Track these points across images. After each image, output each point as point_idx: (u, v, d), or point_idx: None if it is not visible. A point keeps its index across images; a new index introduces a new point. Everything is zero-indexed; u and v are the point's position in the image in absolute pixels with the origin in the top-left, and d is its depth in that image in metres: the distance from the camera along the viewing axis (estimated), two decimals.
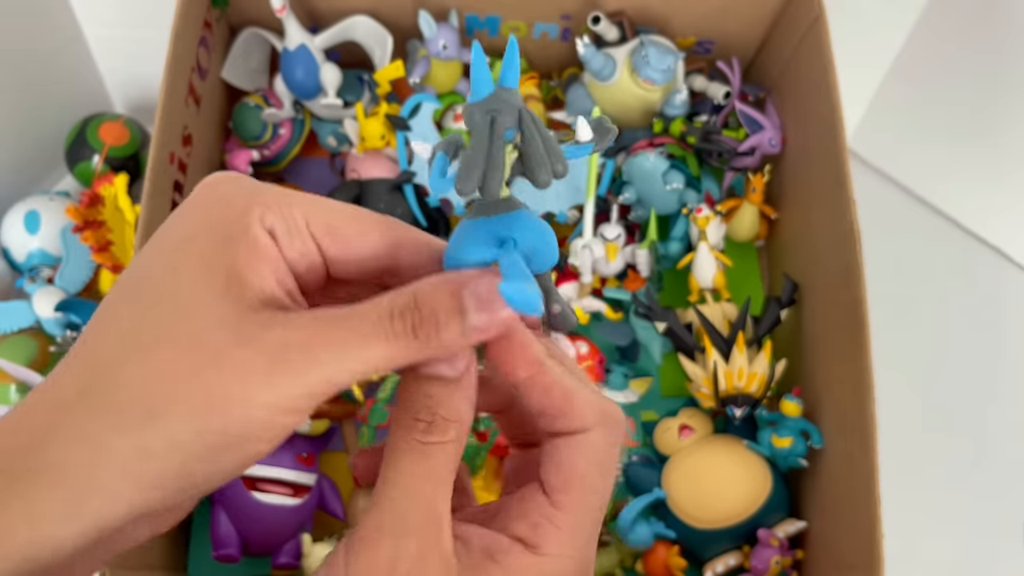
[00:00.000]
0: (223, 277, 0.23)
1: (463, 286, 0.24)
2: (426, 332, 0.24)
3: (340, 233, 0.25)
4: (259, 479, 0.60)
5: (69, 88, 0.79)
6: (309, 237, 0.25)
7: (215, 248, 0.23)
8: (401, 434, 0.25)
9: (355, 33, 0.73)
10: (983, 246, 0.82)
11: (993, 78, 0.75)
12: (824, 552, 0.61)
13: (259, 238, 0.24)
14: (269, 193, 0.25)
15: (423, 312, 0.24)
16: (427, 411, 0.25)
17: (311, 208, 0.25)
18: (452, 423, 0.25)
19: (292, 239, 0.24)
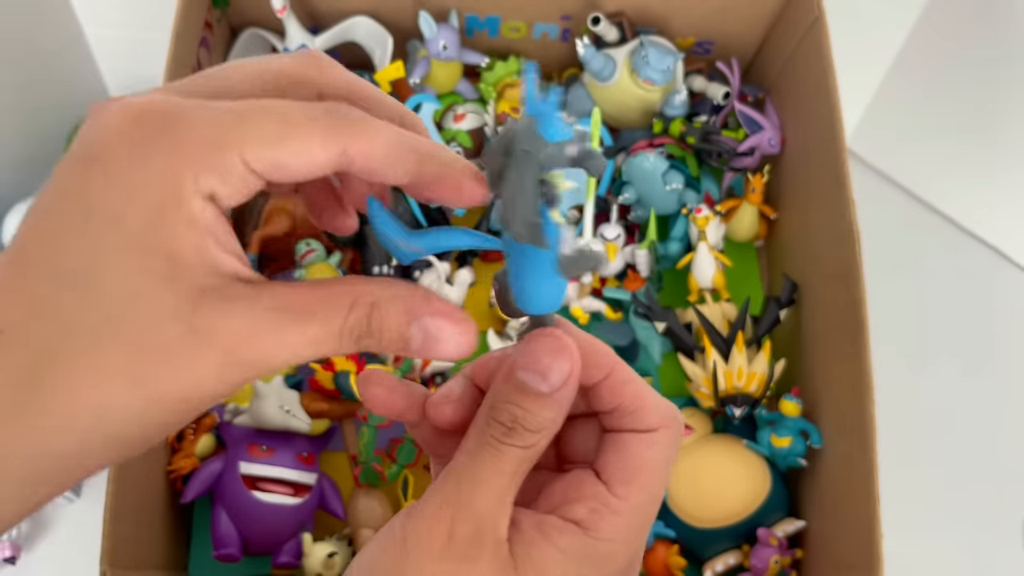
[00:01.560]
0: (164, 263, 0.21)
1: (416, 318, 0.24)
2: (367, 343, 0.24)
3: (282, 164, 0.22)
4: (259, 479, 0.60)
5: (70, 88, 0.79)
6: (254, 178, 0.22)
7: (149, 228, 0.21)
8: (483, 426, 0.25)
9: (355, 34, 0.73)
10: (982, 246, 0.82)
11: (992, 78, 0.75)
12: (823, 551, 0.61)
13: (196, 212, 0.21)
14: (197, 144, 0.21)
15: (372, 327, 0.23)
16: (510, 417, 0.25)
17: (245, 146, 0.22)
18: (531, 434, 0.25)
19: (234, 189, 0.22)
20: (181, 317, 0.21)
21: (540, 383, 0.25)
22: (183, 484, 0.61)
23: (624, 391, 0.27)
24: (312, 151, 0.23)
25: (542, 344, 0.26)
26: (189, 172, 0.21)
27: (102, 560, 0.51)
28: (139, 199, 0.21)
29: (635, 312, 0.69)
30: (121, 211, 0.21)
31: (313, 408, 0.62)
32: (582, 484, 0.26)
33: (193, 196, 0.21)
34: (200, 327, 0.21)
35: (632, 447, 0.26)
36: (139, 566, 0.55)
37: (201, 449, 0.62)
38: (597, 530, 0.25)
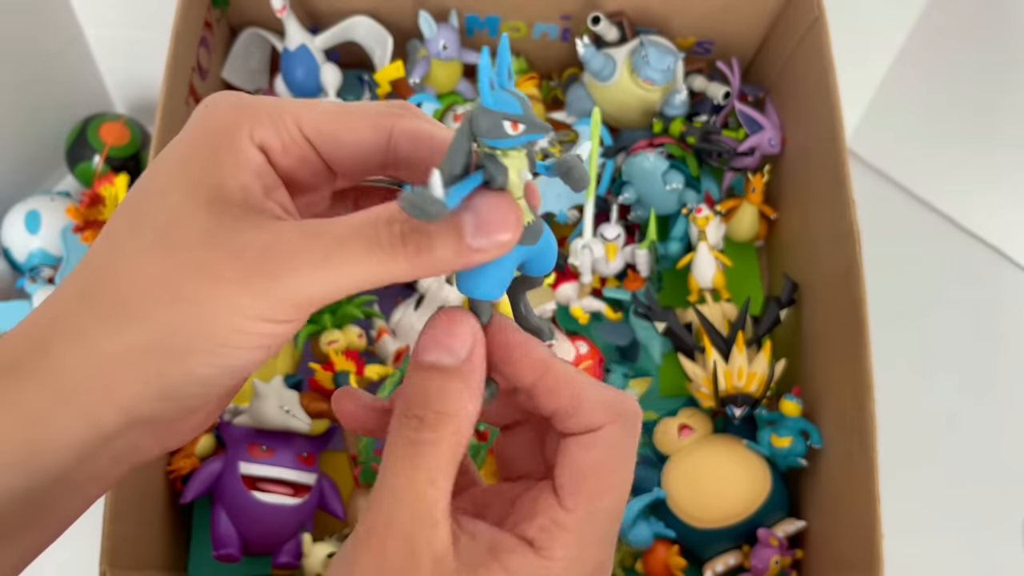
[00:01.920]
0: (208, 191, 0.23)
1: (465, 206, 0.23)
2: (416, 243, 0.22)
3: (330, 131, 0.25)
4: (259, 479, 0.60)
5: (70, 88, 0.79)
6: (304, 142, 0.25)
7: (204, 167, 0.24)
8: (394, 431, 0.24)
9: (355, 33, 0.73)
10: (982, 246, 0.82)
11: (993, 78, 0.75)
12: (824, 552, 0.61)
13: (244, 151, 0.24)
14: (260, 106, 0.25)
15: (415, 221, 0.22)
16: (420, 405, 0.24)
17: (302, 113, 0.25)
18: (448, 417, 0.23)
19: (286, 147, 0.25)
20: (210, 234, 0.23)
21: (445, 356, 0.24)
22: (183, 484, 0.61)
23: (561, 392, 0.25)
24: (360, 128, 0.25)
25: (440, 319, 0.25)
26: (246, 124, 0.24)
27: (102, 560, 0.51)
28: (204, 146, 0.24)
29: (635, 312, 0.69)
30: (188, 153, 0.24)
31: (313, 408, 0.62)
32: (537, 498, 0.25)
33: (246, 143, 0.24)
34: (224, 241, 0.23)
35: (574, 452, 0.25)
36: (139, 566, 0.55)
37: (201, 449, 0.62)
38: (547, 549, 0.24)
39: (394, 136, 0.25)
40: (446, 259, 0.22)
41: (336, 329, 0.65)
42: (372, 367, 0.64)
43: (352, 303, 0.66)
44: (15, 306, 0.68)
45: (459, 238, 0.22)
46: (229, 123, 0.24)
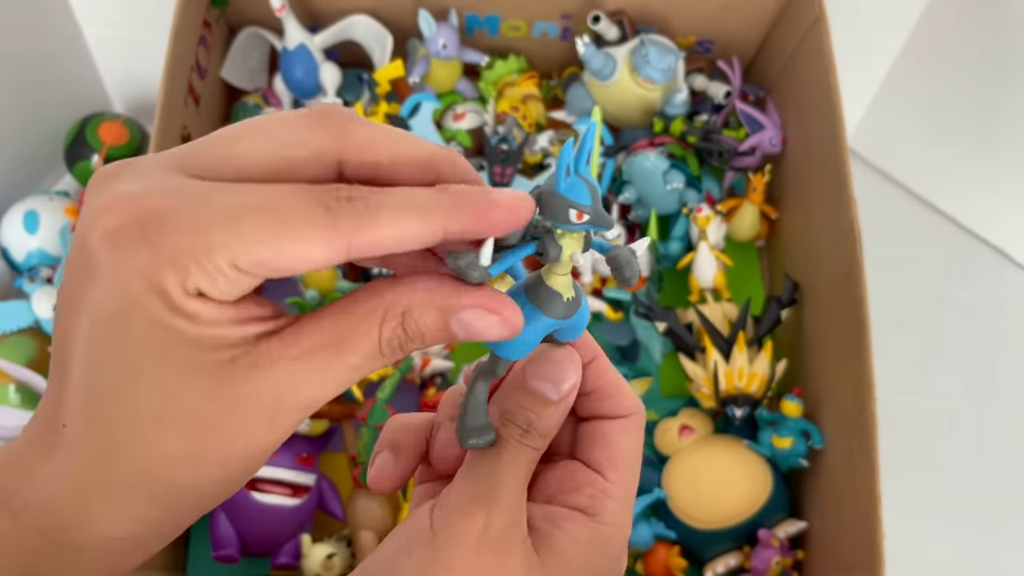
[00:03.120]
0: (181, 354, 0.22)
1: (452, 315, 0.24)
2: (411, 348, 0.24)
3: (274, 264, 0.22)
4: (259, 479, 0.60)
5: (69, 88, 0.79)
6: (243, 277, 0.22)
7: (155, 332, 0.21)
8: (500, 428, 0.27)
9: (355, 32, 0.73)
10: (983, 246, 0.82)
11: (994, 78, 0.75)
12: (824, 552, 0.61)
13: (192, 310, 0.21)
14: (178, 243, 0.21)
15: (410, 334, 0.23)
16: (525, 420, 0.27)
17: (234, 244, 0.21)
18: (542, 437, 0.27)
19: (226, 289, 0.22)
20: (215, 396, 0.22)
21: (552, 392, 0.28)
22: None
23: (606, 376, 0.29)
24: (309, 251, 0.22)
25: (556, 356, 0.28)
26: (174, 277, 0.21)
27: None
28: (137, 306, 0.21)
29: (636, 312, 0.68)
30: (125, 318, 0.21)
31: None
32: (575, 473, 0.28)
33: (184, 300, 0.21)
34: (235, 399, 0.22)
35: (613, 435, 0.28)
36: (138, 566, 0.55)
37: None
38: (600, 515, 0.27)
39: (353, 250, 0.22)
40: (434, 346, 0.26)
41: None
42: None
43: None
44: (14, 306, 0.68)
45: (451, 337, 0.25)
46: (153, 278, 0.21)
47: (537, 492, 0.28)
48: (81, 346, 0.23)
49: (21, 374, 0.64)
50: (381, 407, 0.63)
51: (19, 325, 0.67)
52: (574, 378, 0.28)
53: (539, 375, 0.28)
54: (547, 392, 0.28)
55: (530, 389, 0.28)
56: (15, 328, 0.67)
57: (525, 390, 0.28)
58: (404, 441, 0.29)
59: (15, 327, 0.67)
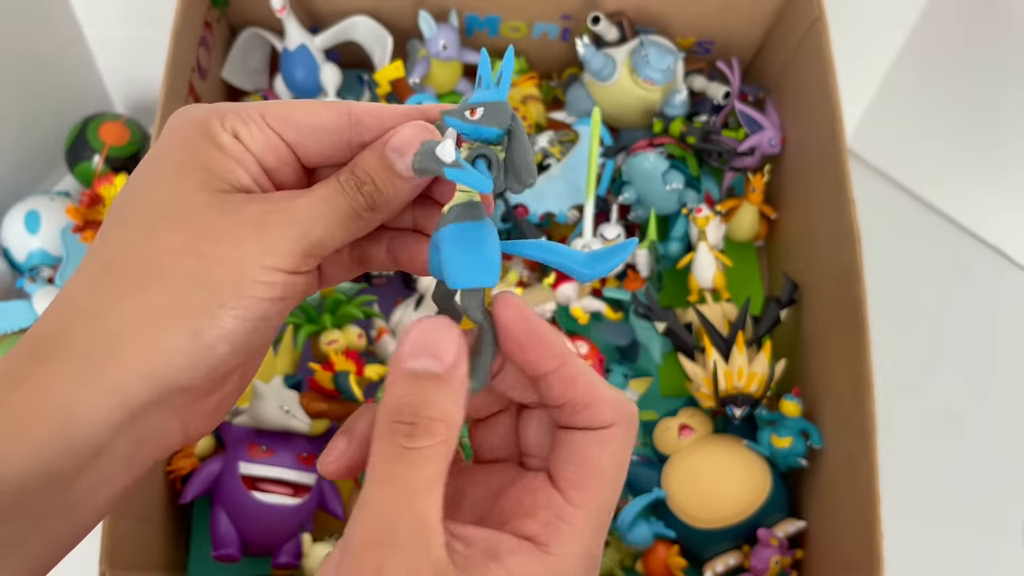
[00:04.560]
0: (200, 174, 0.26)
1: (384, 143, 0.27)
2: (369, 190, 0.27)
3: (293, 118, 0.28)
4: (259, 479, 0.60)
5: (70, 88, 0.79)
6: (267, 128, 0.27)
7: (189, 155, 0.27)
8: (384, 437, 0.23)
9: (355, 33, 0.73)
10: (982, 246, 0.82)
11: (993, 77, 0.75)
12: (824, 552, 0.61)
13: (224, 139, 0.27)
14: (227, 105, 0.28)
15: (358, 175, 0.27)
16: (410, 411, 0.23)
17: (266, 105, 0.28)
18: (438, 422, 0.23)
19: (253, 133, 0.27)
20: (213, 206, 0.26)
21: (433, 363, 0.24)
22: (182, 484, 0.61)
23: (576, 384, 0.25)
24: (319, 111, 0.28)
25: (424, 325, 0.25)
26: (216, 118, 0.27)
27: (101, 560, 0.51)
28: (184, 140, 0.27)
29: (635, 312, 0.68)
30: (171, 149, 0.27)
31: (313, 408, 0.62)
32: (536, 492, 0.25)
33: (220, 131, 0.27)
34: (229, 209, 0.26)
35: (585, 448, 0.25)
36: (138, 566, 0.55)
37: (201, 449, 0.62)
38: (552, 545, 0.24)
39: (353, 115, 0.28)
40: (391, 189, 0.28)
41: (336, 329, 0.65)
42: (372, 367, 0.64)
43: (352, 303, 0.66)
44: (15, 306, 0.68)
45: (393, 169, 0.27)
46: (202, 119, 0.27)
47: (493, 513, 0.26)
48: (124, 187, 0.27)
49: None
50: None
51: (20, 325, 0.68)
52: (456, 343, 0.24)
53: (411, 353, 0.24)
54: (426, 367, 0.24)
55: (405, 371, 0.24)
56: (16, 328, 0.67)
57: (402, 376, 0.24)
58: (361, 428, 0.26)
59: (16, 327, 0.67)
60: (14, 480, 0.22)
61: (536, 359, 0.25)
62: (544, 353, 0.25)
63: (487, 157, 0.26)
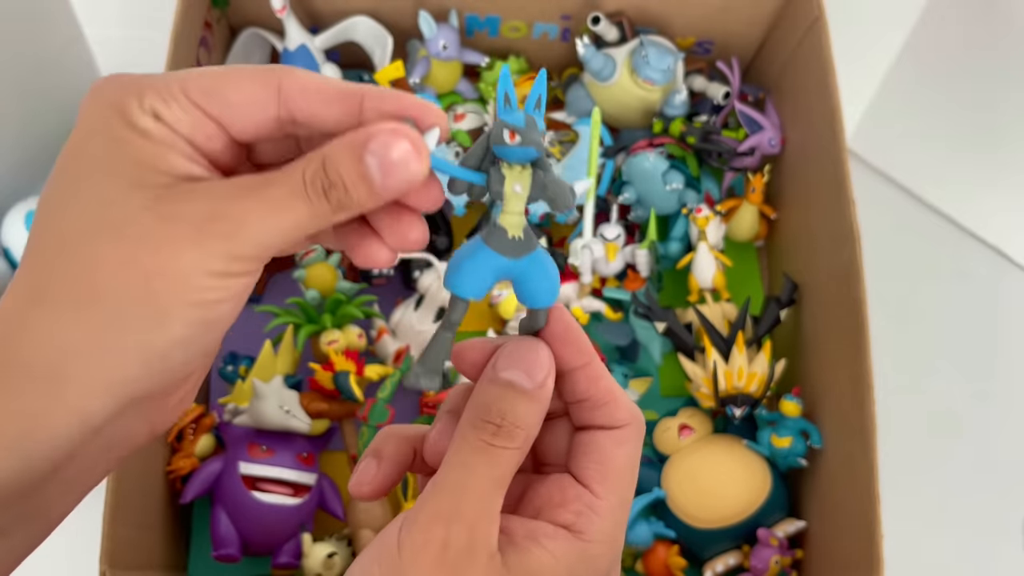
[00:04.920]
0: (129, 169, 0.24)
1: (365, 149, 0.24)
2: (337, 196, 0.25)
3: (218, 93, 0.25)
4: (259, 479, 0.60)
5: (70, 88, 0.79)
6: (192, 106, 0.25)
7: (113, 147, 0.24)
8: (469, 429, 0.26)
9: (355, 33, 0.73)
10: (982, 246, 0.82)
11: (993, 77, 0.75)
12: (824, 552, 0.61)
13: (146, 126, 0.24)
14: (143, 79, 0.25)
15: (331, 177, 0.24)
16: (498, 413, 0.26)
17: (188, 79, 0.25)
18: (520, 430, 0.26)
19: (176, 114, 0.25)
20: (149, 208, 0.24)
21: (525, 380, 0.26)
22: (182, 484, 0.61)
23: (599, 383, 0.28)
24: (246, 85, 0.25)
25: (523, 344, 0.27)
26: (134, 98, 0.25)
27: (102, 560, 0.51)
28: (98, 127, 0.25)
29: (635, 312, 0.68)
30: (87, 142, 0.25)
31: (313, 408, 0.62)
32: (564, 488, 0.27)
33: (140, 115, 0.24)
34: (167, 213, 0.24)
35: (605, 446, 0.27)
36: (139, 566, 0.55)
37: (201, 449, 0.62)
38: (586, 532, 0.26)
39: (283, 91, 0.26)
40: (362, 201, 0.25)
41: (336, 329, 0.65)
42: (372, 367, 0.64)
43: (352, 303, 0.66)
44: None
45: (370, 183, 0.25)
46: (117, 101, 0.25)
47: (526, 505, 0.28)
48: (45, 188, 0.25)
49: None
50: (381, 407, 0.64)
51: None
52: (547, 366, 0.27)
53: (509, 365, 0.27)
54: (520, 381, 0.26)
55: (500, 380, 0.26)
56: None
57: (496, 383, 0.27)
58: (390, 450, 0.29)
59: None
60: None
61: (571, 354, 0.28)
62: (577, 348, 0.28)
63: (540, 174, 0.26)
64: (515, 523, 0.26)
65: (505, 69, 0.26)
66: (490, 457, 0.26)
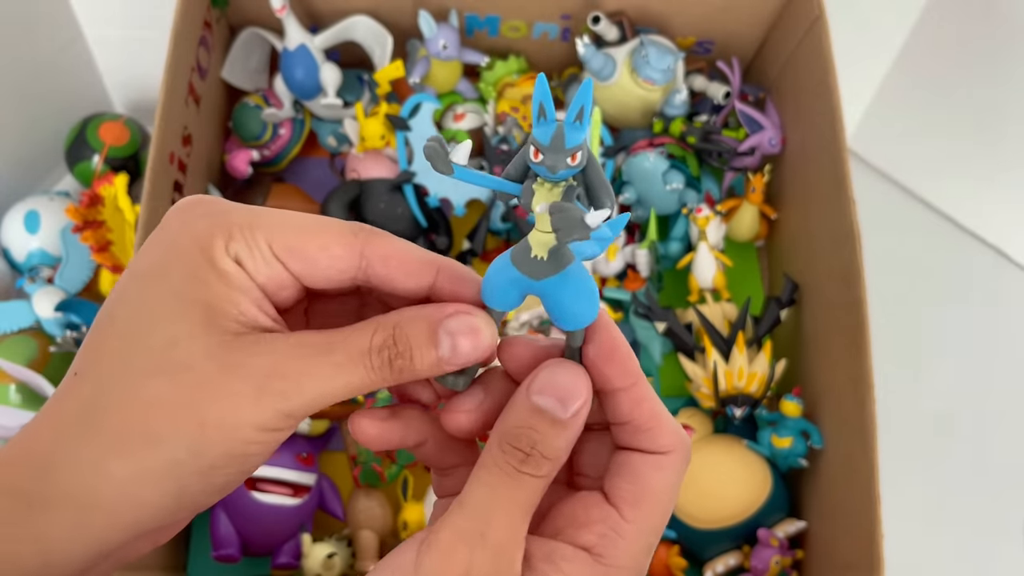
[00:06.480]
0: (201, 310, 0.24)
1: (439, 325, 0.25)
2: (401, 365, 0.25)
3: (302, 251, 0.26)
4: (259, 479, 0.60)
5: (69, 88, 0.79)
6: (274, 259, 0.26)
7: (188, 283, 0.25)
8: (498, 453, 0.25)
9: (355, 33, 0.73)
10: (982, 246, 0.82)
11: (993, 77, 0.75)
12: (824, 552, 0.61)
13: (227, 269, 0.25)
14: (233, 218, 0.25)
15: (399, 347, 0.25)
16: (528, 442, 0.25)
17: (275, 229, 0.26)
18: (549, 461, 0.25)
19: (258, 264, 0.25)
20: (214, 356, 0.24)
21: (559, 409, 0.25)
22: None
23: (643, 405, 0.26)
24: (331, 247, 0.26)
25: (560, 371, 0.26)
26: (221, 239, 0.25)
27: None
28: (182, 259, 0.25)
29: (635, 312, 0.68)
30: (167, 267, 0.25)
31: None
32: (590, 507, 0.26)
33: (223, 257, 0.25)
34: (231, 363, 0.24)
35: (643, 469, 0.26)
36: (139, 566, 0.55)
37: None
38: (607, 556, 0.25)
39: (365, 256, 0.26)
40: (425, 373, 0.26)
41: None
42: None
43: None
44: (15, 306, 0.68)
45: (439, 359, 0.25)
46: (204, 236, 0.25)
47: (547, 523, 0.27)
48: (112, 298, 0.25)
49: (22, 374, 0.64)
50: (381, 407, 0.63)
51: (20, 325, 0.68)
52: (584, 395, 0.26)
53: (543, 390, 0.26)
54: (553, 410, 0.25)
55: (532, 406, 0.26)
56: (15, 328, 0.67)
57: (528, 408, 0.26)
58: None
59: (15, 327, 0.67)
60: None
61: (614, 374, 0.26)
62: (622, 369, 0.26)
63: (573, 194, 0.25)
64: (534, 544, 0.25)
65: (541, 78, 0.24)
66: (518, 483, 0.25)
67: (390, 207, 0.70)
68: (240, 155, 0.73)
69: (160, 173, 0.60)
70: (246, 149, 0.73)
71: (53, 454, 0.24)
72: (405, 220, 0.70)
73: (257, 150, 0.74)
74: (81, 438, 0.24)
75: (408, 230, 0.71)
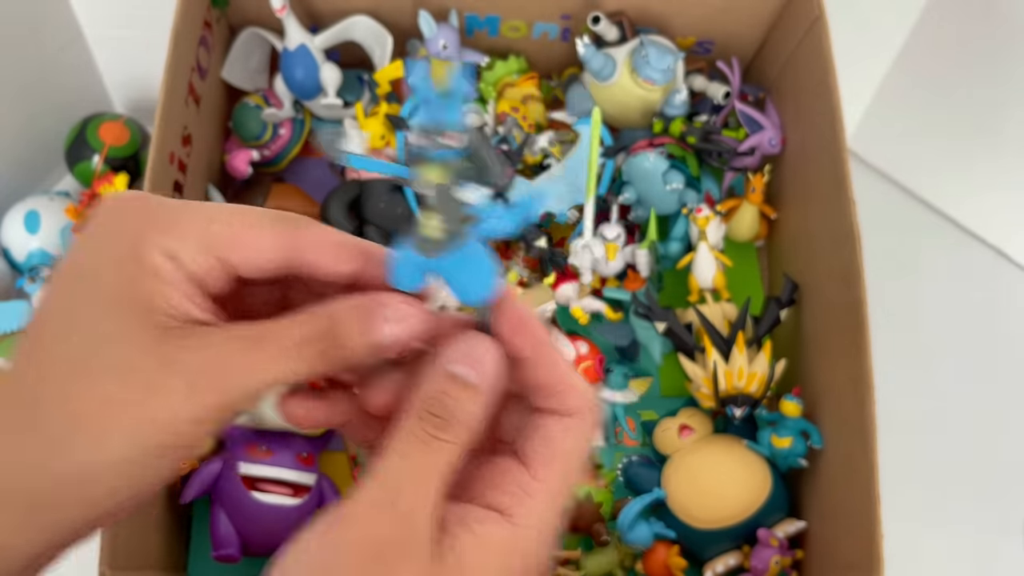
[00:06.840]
0: (133, 307, 0.25)
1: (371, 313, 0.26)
2: (333, 355, 0.26)
3: (233, 242, 0.27)
4: (259, 479, 0.60)
5: (69, 88, 0.79)
6: (205, 252, 0.26)
7: (118, 280, 0.25)
8: (415, 421, 0.26)
9: (355, 33, 0.73)
10: (983, 246, 0.82)
11: (993, 77, 0.75)
12: (824, 552, 0.61)
13: (158, 264, 0.25)
14: (161, 213, 0.26)
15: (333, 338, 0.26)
16: (442, 407, 0.26)
17: (204, 221, 0.26)
18: (463, 425, 0.26)
19: (189, 257, 0.26)
20: (147, 352, 0.25)
21: (472, 375, 0.26)
22: (182, 484, 0.61)
23: (551, 371, 0.28)
24: (262, 236, 0.27)
25: (472, 341, 0.27)
26: (150, 234, 0.26)
27: (101, 561, 0.51)
28: (112, 257, 0.26)
29: (635, 312, 0.68)
30: (98, 268, 0.26)
31: None
32: (505, 471, 0.27)
33: (155, 253, 0.25)
34: (164, 359, 0.25)
35: (554, 431, 0.27)
36: (138, 567, 0.55)
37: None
38: (517, 516, 0.26)
39: (295, 244, 0.27)
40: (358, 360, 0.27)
41: None
42: None
43: None
44: (14, 306, 0.68)
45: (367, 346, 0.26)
46: (133, 232, 0.26)
47: (466, 488, 0.27)
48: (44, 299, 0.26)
49: None
50: None
51: (19, 325, 0.68)
52: (492, 361, 0.27)
53: (456, 359, 0.27)
54: (465, 375, 0.26)
55: (447, 373, 0.26)
56: (15, 328, 0.67)
57: (443, 375, 0.26)
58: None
59: (15, 327, 0.67)
60: None
61: (524, 344, 0.28)
62: (531, 339, 0.28)
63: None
64: (451, 510, 0.26)
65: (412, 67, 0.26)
66: (433, 450, 0.25)
67: (390, 207, 0.70)
68: (240, 155, 0.73)
69: (160, 173, 0.60)
70: (246, 149, 0.73)
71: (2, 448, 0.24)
72: (405, 220, 0.70)
73: (257, 150, 0.74)
74: (23, 442, 0.24)
75: (408, 230, 0.70)
